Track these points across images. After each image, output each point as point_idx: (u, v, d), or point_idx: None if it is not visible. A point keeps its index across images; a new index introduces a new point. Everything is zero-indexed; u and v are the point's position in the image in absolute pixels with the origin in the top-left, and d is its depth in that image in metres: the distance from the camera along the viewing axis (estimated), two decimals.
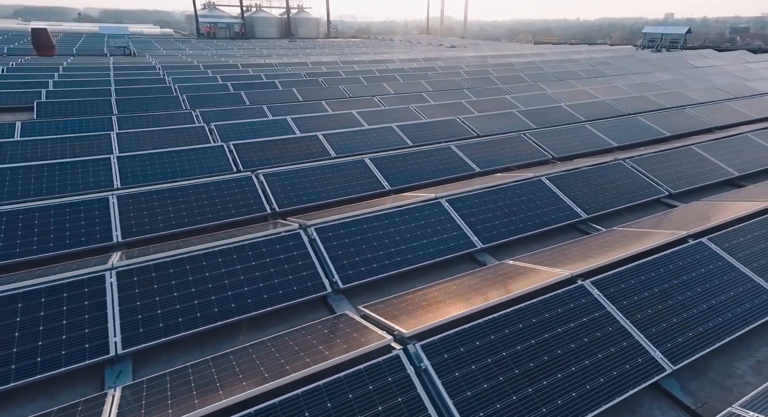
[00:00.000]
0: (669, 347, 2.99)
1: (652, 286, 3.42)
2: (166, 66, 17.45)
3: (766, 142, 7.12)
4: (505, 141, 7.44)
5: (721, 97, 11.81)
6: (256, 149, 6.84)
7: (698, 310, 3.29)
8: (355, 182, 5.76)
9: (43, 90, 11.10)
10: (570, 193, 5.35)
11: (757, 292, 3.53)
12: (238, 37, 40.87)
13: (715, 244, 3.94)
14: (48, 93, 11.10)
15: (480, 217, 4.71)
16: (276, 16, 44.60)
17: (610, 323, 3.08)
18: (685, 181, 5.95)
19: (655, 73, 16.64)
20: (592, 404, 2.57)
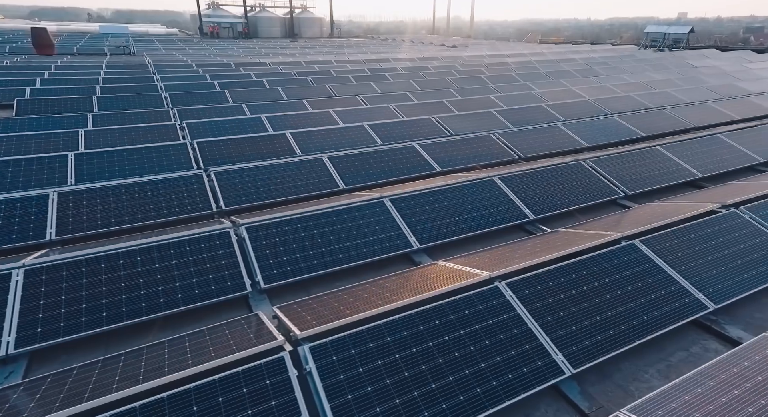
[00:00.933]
0: (573, 350, 2.93)
1: (570, 288, 3.36)
2: (158, 65, 17.57)
3: (737, 143, 6.99)
4: (474, 140, 7.38)
5: (710, 97, 11.63)
6: (219, 147, 6.86)
7: (613, 312, 3.23)
8: (309, 181, 5.75)
9: (28, 88, 11.22)
10: (521, 193, 5.29)
11: (679, 295, 3.46)
12: (241, 36, 41.06)
13: (646, 246, 3.87)
14: (33, 91, 11.22)
15: (422, 217, 4.67)
16: (279, 15, 44.74)
17: (518, 325, 3.03)
18: (644, 182, 5.86)
19: (649, 73, 16.44)
20: (478, 408, 2.53)
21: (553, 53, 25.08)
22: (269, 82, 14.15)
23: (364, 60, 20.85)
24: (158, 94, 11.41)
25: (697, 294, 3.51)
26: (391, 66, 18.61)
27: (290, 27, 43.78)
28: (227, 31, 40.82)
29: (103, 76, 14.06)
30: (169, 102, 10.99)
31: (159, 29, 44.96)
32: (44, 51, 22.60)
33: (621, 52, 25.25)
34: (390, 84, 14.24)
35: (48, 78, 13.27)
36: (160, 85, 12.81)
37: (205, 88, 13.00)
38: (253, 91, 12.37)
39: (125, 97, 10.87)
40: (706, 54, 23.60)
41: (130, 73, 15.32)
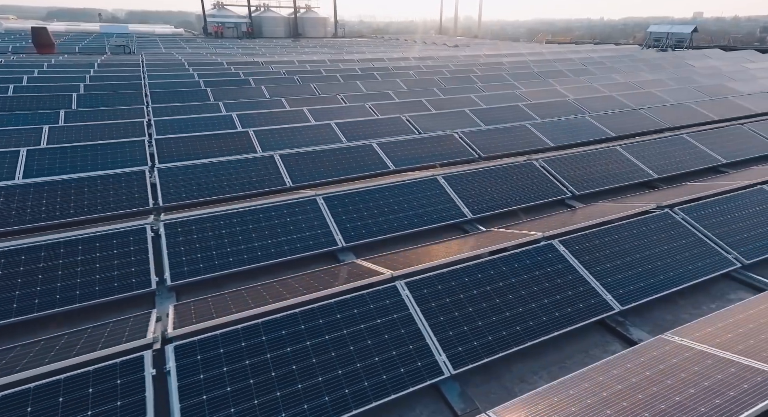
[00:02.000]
0: (459, 351, 2.87)
1: (472, 288, 3.30)
2: (150, 63, 17.72)
3: (701, 144, 6.84)
4: (436, 139, 7.31)
5: (696, 97, 11.41)
6: (177, 144, 6.87)
7: (512, 313, 3.16)
8: (256, 178, 5.73)
9: (11, 85, 11.36)
10: (463, 192, 5.22)
11: (586, 296, 3.38)
12: (245, 36, 41.30)
13: (564, 246, 3.79)
14: (16, 88, 11.36)
15: (354, 215, 4.63)
16: (284, 16, 44.90)
17: (406, 325, 2.97)
18: (594, 182, 5.75)
19: (643, 73, 16.20)
20: (343, 408, 2.48)
21: (552, 53, 24.83)
22: (255, 81, 14.18)
23: (359, 59, 20.83)
24: (140, 92, 11.48)
25: (605, 295, 3.42)
26: (384, 65, 18.56)
27: (294, 27, 43.93)
28: (231, 31, 41.08)
29: (91, 75, 14.20)
30: (149, 99, 11.06)
31: (165, 29, 45.39)
32: (45, 50, 22.92)
33: (622, 52, 24.92)
34: (377, 83, 14.20)
35: (36, 76, 13.44)
36: (145, 83, 12.91)
37: (190, 86, 13.08)
38: (236, 90, 12.41)
39: (107, 94, 10.95)
40: (708, 54, 23.20)
41: (119, 71, 15.46)
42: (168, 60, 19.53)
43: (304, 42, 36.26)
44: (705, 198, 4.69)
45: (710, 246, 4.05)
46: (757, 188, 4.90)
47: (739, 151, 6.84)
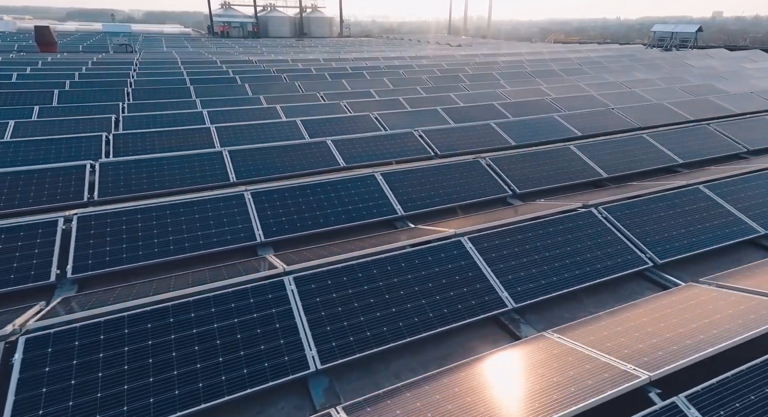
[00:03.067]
0: (331, 346, 2.86)
1: (364, 283, 3.28)
2: (144, 61, 17.94)
3: (659, 144, 6.71)
4: (396, 136, 7.28)
5: (679, 97, 11.21)
6: (136, 140, 6.94)
7: (398, 309, 3.14)
8: (200, 174, 5.76)
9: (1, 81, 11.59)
10: (400, 190, 5.18)
11: (482, 293, 3.35)
12: (250, 36, 41.58)
13: (472, 243, 3.75)
14: (4, 84, 11.58)
15: (279, 211, 4.62)
16: (290, 15, 45.13)
17: (284, 319, 2.96)
18: (539, 181, 5.68)
19: (635, 73, 15.97)
20: (193, 401, 2.48)
21: (552, 52, 24.59)
22: (242, 78, 14.27)
23: (353, 58, 20.85)
24: (122, 89, 11.60)
25: (501, 292, 3.38)
26: (376, 64, 18.54)
27: (300, 26, 44.11)
28: (237, 31, 41.40)
29: (82, 72, 14.42)
30: (130, 97, 11.19)
31: (174, 29, 45.95)
32: (47, 49, 23.31)
33: (623, 52, 24.58)
34: (363, 81, 14.21)
35: (28, 73, 13.68)
36: (131, 80, 13.08)
37: (175, 84, 13.21)
38: (220, 88, 12.48)
39: (89, 91, 11.09)
40: (711, 54, 22.79)
41: (111, 69, 15.69)
42: (164, 58, 19.75)
43: (308, 41, 36.41)
44: (636, 197, 4.60)
45: (626, 245, 3.97)
46: (693, 188, 4.80)
47: (699, 151, 6.70)
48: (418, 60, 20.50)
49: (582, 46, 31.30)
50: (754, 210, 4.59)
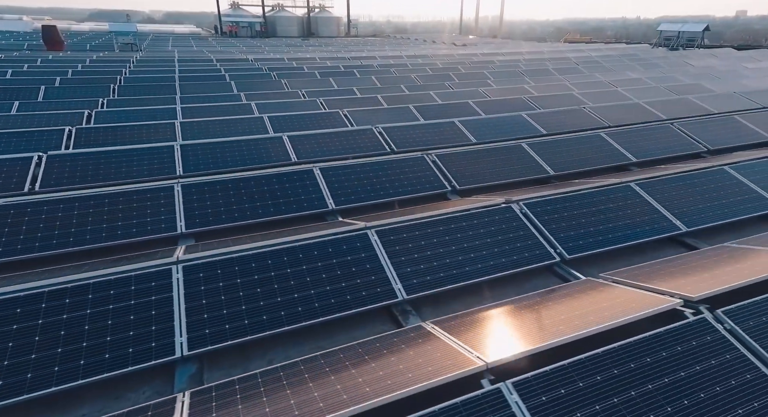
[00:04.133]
0: (205, 333, 2.90)
1: (257, 272, 3.32)
2: (142, 59, 18.26)
3: (616, 142, 6.62)
4: (355, 133, 7.31)
5: (661, 96, 11.03)
6: (98, 134, 7.09)
7: (285, 298, 3.17)
8: (146, 167, 5.86)
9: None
10: (336, 184, 5.21)
11: (377, 284, 3.36)
12: (258, 35, 41.97)
13: (378, 235, 3.77)
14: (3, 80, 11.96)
15: (208, 202, 4.69)
16: (298, 15, 45.45)
17: (161, 307, 3.02)
18: (482, 177, 5.67)
19: (628, 72, 15.77)
20: (47, 384, 2.55)
21: (554, 52, 24.36)
22: (230, 76, 14.45)
23: (350, 57, 20.92)
24: (107, 86, 11.84)
25: (395, 284, 3.40)
26: (370, 63, 18.58)
27: (307, 26, 44.38)
28: (246, 31, 41.83)
29: (77, 69, 14.75)
30: (116, 93, 11.42)
31: (184, 28, 46.59)
32: (54, 47, 23.87)
33: (627, 52, 24.23)
34: (352, 80, 14.27)
35: (26, 69, 14.05)
36: (122, 77, 13.33)
37: (164, 81, 13.41)
38: (206, 84, 12.65)
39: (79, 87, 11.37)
40: (715, 53, 22.36)
41: (107, 66, 15.99)
42: (162, 57, 20.07)
43: (313, 41, 36.62)
44: (560, 194, 4.56)
45: (537, 240, 3.95)
46: (624, 185, 4.74)
47: (656, 150, 6.60)
48: (414, 59, 20.49)
49: (587, 45, 30.94)
50: (681, 208, 4.52)
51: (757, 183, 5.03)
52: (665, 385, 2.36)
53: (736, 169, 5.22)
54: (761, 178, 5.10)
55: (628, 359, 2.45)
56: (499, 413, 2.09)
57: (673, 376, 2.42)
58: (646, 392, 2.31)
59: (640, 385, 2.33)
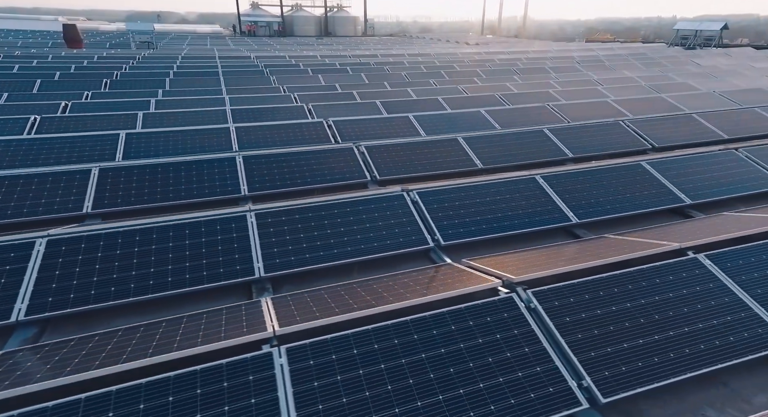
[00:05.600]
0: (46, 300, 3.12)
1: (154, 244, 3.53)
2: (149, 56, 18.91)
3: (556, 138, 6.60)
4: (306, 126, 7.48)
5: (640, 95, 10.82)
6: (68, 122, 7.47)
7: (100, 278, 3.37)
8: (89, 153, 6.17)
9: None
10: (252, 171, 5.39)
11: (240, 261, 3.52)
12: (276, 34, 42.69)
13: (257, 217, 3.93)
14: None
15: (121, 188, 4.94)
16: (316, 15, 46.02)
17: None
18: (406, 169, 5.76)
19: (625, 71, 15.47)
20: None
21: (562, 51, 24.03)
22: (224, 72, 14.85)
23: (351, 55, 21.13)
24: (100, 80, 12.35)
25: (256, 263, 3.54)
26: (369, 61, 18.73)
27: (325, 26, 44.88)
28: (263, 30, 42.61)
29: (82, 63, 15.41)
30: (107, 86, 11.92)
31: (207, 28, 47.73)
32: (73, 45, 24.92)
33: (636, 51, 23.69)
34: (341, 77, 14.47)
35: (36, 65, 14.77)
36: (118, 72, 13.88)
37: (161, 76, 13.88)
38: (197, 80, 13.09)
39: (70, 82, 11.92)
40: (730, 52, 21.70)
41: (110, 62, 16.64)
42: (168, 54, 20.73)
43: (327, 40, 37.03)
44: (449, 185, 4.62)
45: (418, 227, 4.04)
46: (529, 178, 4.77)
47: (596, 146, 6.56)
48: (414, 57, 20.55)
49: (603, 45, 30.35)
50: (579, 200, 4.53)
51: (670, 178, 4.98)
52: (462, 348, 2.47)
53: (652, 165, 5.17)
54: (675, 174, 5.05)
55: (445, 323, 2.56)
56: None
57: (472, 341, 2.53)
58: (457, 351, 2.41)
59: (458, 341, 2.43)
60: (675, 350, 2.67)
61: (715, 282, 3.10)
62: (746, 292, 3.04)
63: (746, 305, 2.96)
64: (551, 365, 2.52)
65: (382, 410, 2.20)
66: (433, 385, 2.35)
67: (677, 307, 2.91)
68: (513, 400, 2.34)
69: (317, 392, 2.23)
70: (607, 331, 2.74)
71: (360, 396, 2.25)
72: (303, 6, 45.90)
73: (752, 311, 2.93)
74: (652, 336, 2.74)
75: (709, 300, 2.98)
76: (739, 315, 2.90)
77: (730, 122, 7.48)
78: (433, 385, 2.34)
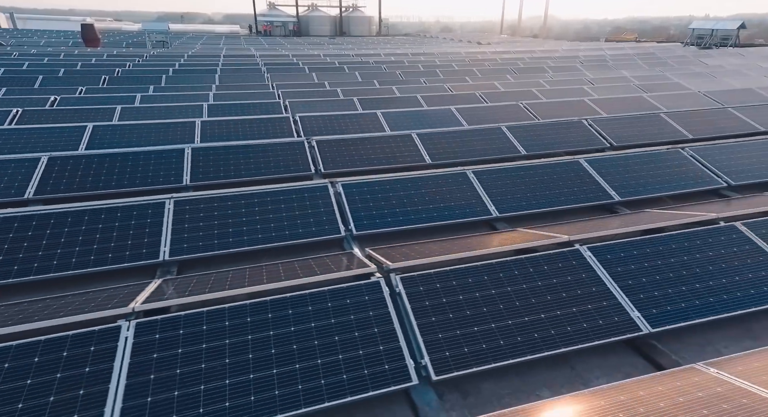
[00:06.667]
0: None
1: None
2: (157, 54, 19.48)
3: (513, 135, 6.63)
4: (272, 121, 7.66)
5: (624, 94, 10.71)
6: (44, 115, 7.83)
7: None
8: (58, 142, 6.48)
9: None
10: (198, 163, 5.59)
11: (148, 242, 3.70)
12: (291, 34, 43.24)
13: (175, 205, 4.11)
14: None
15: (56, 176, 5.20)
16: (331, 15, 46.44)
17: None
18: (352, 163, 5.89)
19: (622, 70, 15.23)
20: None
21: (570, 51, 23.75)
22: (222, 70, 15.17)
23: (354, 54, 21.32)
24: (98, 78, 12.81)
25: (163, 247, 3.72)
26: (367, 60, 18.87)
27: (339, 26, 45.25)
28: (279, 30, 43.23)
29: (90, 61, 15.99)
30: (106, 82, 12.38)
31: (225, 28, 48.67)
32: (91, 44, 25.80)
33: (646, 50, 23.25)
34: (336, 75, 14.65)
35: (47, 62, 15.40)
36: (123, 69, 14.36)
37: (159, 73, 14.30)
38: (193, 77, 13.43)
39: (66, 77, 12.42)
40: (744, 52, 21.10)
41: (116, 60, 17.21)
42: (174, 53, 21.27)
43: (339, 40, 37.34)
44: (399, 177, 4.73)
45: (334, 217, 4.16)
46: (460, 172, 4.85)
47: (552, 144, 6.56)
48: (417, 56, 20.59)
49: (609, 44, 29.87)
50: (505, 196, 4.63)
51: (604, 176, 5.00)
52: (312, 327, 2.59)
53: (590, 162, 5.19)
54: (607, 172, 5.06)
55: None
56: None
57: (323, 321, 2.64)
58: (306, 330, 2.55)
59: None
60: (523, 334, 2.74)
61: (589, 272, 3.15)
62: (616, 282, 3.08)
63: (612, 295, 3.00)
64: (395, 345, 2.62)
65: (213, 381, 2.34)
66: (271, 360, 2.48)
67: (541, 295, 2.97)
68: (345, 376, 2.46)
69: (153, 364, 2.39)
70: (463, 315, 2.83)
71: (196, 367, 2.39)
72: (318, 6, 46.38)
73: (616, 300, 2.97)
74: (506, 321, 2.81)
75: (575, 289, 3.03)
76: (601, 303, 2.95)
77: (700, 122, 7.37)
78: (270, 360, 2.47)
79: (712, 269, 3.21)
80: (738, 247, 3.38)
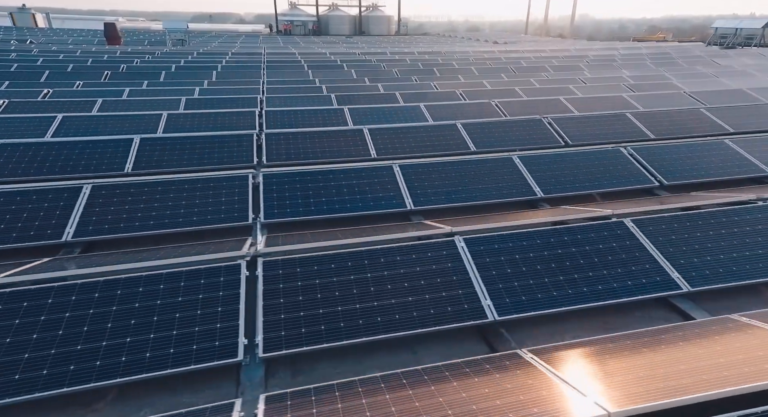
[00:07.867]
0: None
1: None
2: (168, 52, 20.07)
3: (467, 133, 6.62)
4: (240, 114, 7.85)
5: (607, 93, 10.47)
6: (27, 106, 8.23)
7: None
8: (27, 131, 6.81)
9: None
10: (145, 152, 5.80)
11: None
12: (311, 33, 43.72)
13: (92, 190, 4.30)
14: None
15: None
16: (351, 14, 46.72)
17: None
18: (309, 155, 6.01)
19: (623, 70, 14.91)
20: None
21: (582, 50, 23.30)
22: (222, 66, 15.55)
23: (360, 52, 21.45)
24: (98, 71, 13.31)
25: (69, 228, 3.91)
26: (370, 59, 18.95)
27: (359, 25, 45.49)
28: (299, 29, 43.77)
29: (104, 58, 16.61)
30: (107, 76, 12.87)
31: (246, 27, 49.68)
32: (113, 42, 26.78)
33: (663, 50, 22.60)
34: (333, 72, 14.84)
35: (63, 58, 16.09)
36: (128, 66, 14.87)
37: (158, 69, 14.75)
38: (193, 73, 13.88)
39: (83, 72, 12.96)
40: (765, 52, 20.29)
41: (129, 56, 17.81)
42: (185, 50, 21.83)
43: (356, 39, 37.55)
44: (323, 169, 4.81)
45: (245, 205, 4.28)
46: (386, 166, 4.89)
47: (505, 141, 6.54)
48: (421, 55, 20.56)
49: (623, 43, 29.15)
50: (426, 189, 4.65)
51: (532, 172, 4.97)
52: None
53: (522, 159, 5.15)
54: (538, 169, 5.03)
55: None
56: None
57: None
58: None
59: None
60: (366, 318, 2.79)
61: (456, 262, 3.16)
62: (479, 272, 3.09)
63: (471, 284, 3.01)
64: (233, 323, 2.71)
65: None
66: (104, 333, 2.60)
67: (399, 282, 3.01)
68: (173, 350, 2.55)
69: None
70: (313, 298, 2.89)
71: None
72: (339, 6, 46.74)
73: (473, 289, 2.98)
74: (354, 305, 2.86)
75: (436, 277, 3.05)
76: (456, 292, 2.96)
77: (667, 122, 7.18)
78: (104, 334, 2.60)
79: (582, 263, 3.18)
80: (617, 242, 3.33)
